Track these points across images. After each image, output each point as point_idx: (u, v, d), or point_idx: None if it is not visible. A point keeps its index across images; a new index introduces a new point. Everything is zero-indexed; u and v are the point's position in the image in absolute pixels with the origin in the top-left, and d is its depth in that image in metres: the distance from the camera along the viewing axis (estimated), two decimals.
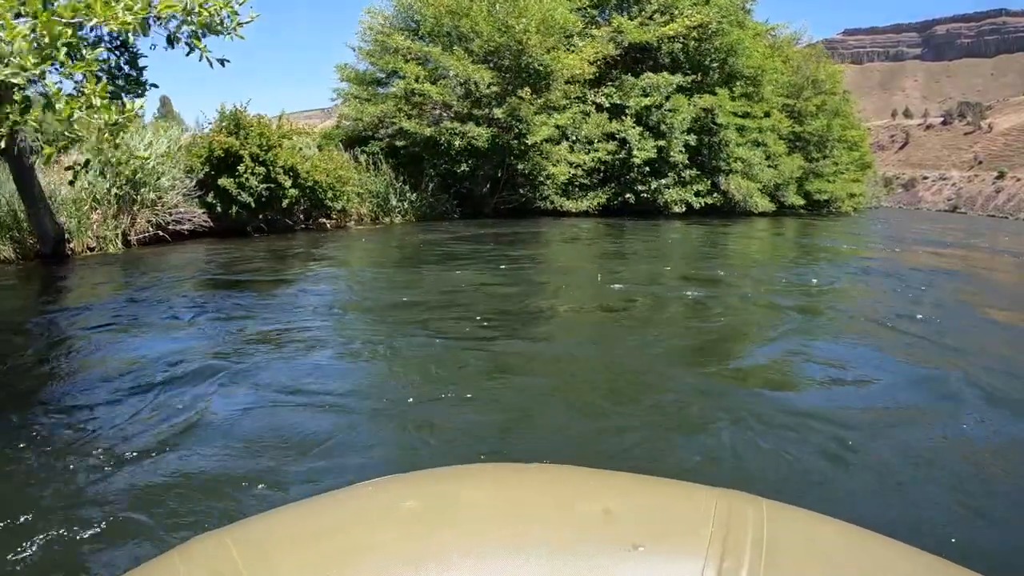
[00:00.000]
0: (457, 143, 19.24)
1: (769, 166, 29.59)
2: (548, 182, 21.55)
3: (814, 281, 10.20)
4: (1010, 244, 25.24)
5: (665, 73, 23.95)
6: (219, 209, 13.46)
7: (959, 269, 14.01)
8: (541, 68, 20.33)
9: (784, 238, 20.89)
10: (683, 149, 23.98)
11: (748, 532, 0.91)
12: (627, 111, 23.55)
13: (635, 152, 22.75)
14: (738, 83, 26.80)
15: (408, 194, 18.95)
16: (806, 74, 33.98)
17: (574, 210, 22.57)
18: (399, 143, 19.79)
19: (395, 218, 18.57)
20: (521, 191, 22.16)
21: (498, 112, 19.72)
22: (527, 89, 19.55)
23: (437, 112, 20.63)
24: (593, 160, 22.45)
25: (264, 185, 13.72)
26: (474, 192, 21.65)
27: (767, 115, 30.98)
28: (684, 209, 24.41)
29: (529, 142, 19.97)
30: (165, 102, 52.68)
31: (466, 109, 19.87)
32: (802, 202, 33.32)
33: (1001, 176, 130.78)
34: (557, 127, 20.93)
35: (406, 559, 0.88)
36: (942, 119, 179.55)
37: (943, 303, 8.87)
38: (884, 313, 7.88)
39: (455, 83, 19.86)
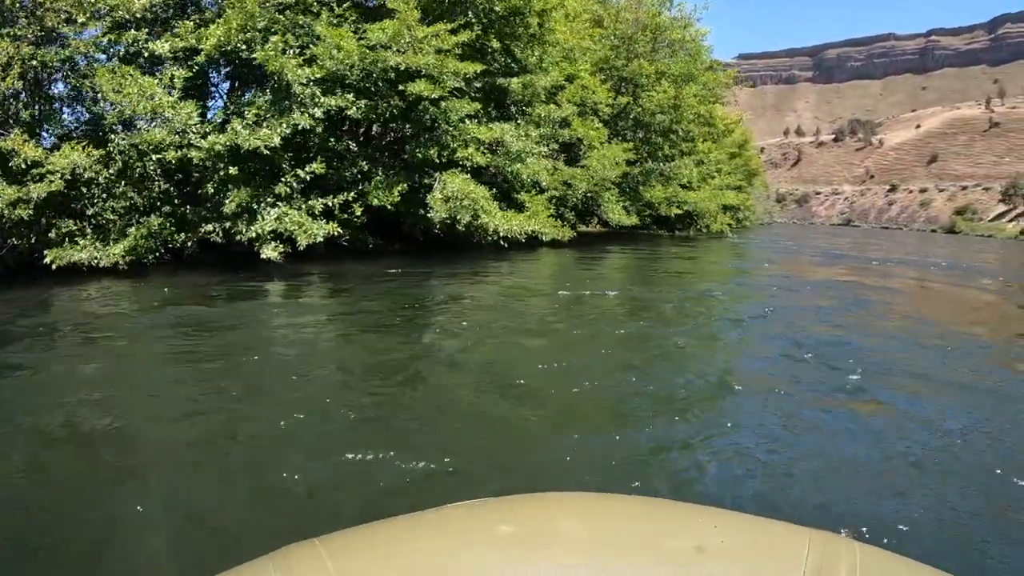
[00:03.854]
0: None
1: (560, 159, 17.23)
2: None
3: None
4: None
5: None
6: None
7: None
8: None
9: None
10: (314, 125, 11.64)
11: None
12: (194, 62, 11.41)
13: (187, 142, 10.90)
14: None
15: None
16: (642, 22, 21.92)
17: (102, 263, 10.37)
18: None
19: None
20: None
21: None
22: None
23: None
24: (86, 161, 9.83)
25: None
26: None
27: (570, 79, 18.78)
28: (280, 252, 11.16)
29: None
30: None
31: None
32: (633, 221, 21.13)
33: (893, 189, 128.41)
34: None
35: None
36: (834, 136, 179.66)
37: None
38: None
39: None
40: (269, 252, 10.83)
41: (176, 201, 11.95)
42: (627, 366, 5.62)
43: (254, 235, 10.88)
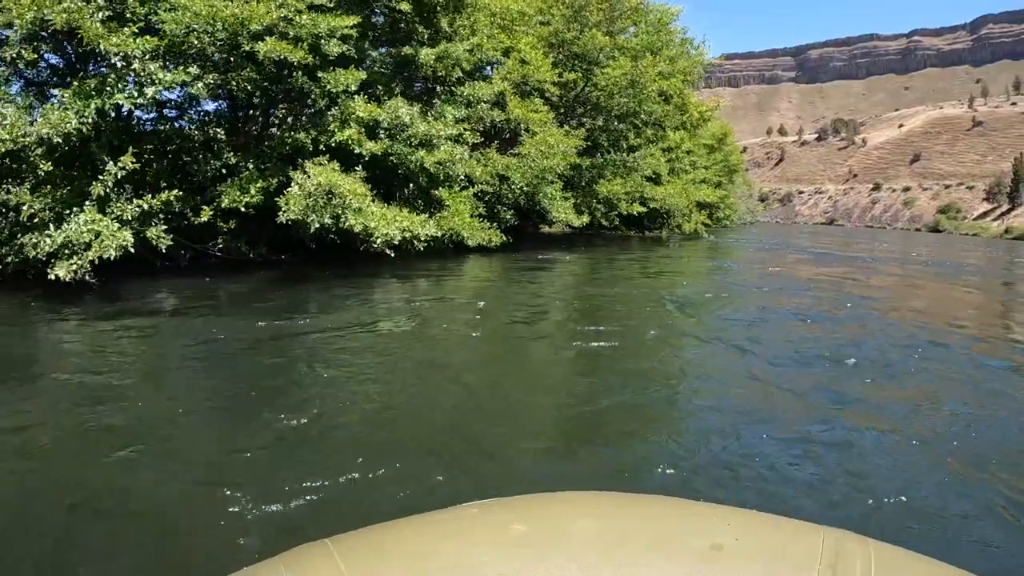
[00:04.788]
0: None
1: (493, 147, 14.40)
2: None
3: None
4: None
5: None
6: None
7: None
8: None
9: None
10: (146, 107, 9.42)
11: (856, 575, 0.87)
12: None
13: None
14: None
15: None
16: None
17: None
18: None
19: None
20: None
21: None
22: None
23: None
24: None
25: None
26: None
27: (507, 53, 15.96)
28: (75, 272, 8.05)
29: None
30: None
31: None
32: (585, 221, 18.30)
33: (876, 188, 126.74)
34: None
35: None
36: (816, 136, 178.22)
37: None
38: None
39: None
40: (60, 271, 7.92)
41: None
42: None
43: (49, 249, 7.96)
